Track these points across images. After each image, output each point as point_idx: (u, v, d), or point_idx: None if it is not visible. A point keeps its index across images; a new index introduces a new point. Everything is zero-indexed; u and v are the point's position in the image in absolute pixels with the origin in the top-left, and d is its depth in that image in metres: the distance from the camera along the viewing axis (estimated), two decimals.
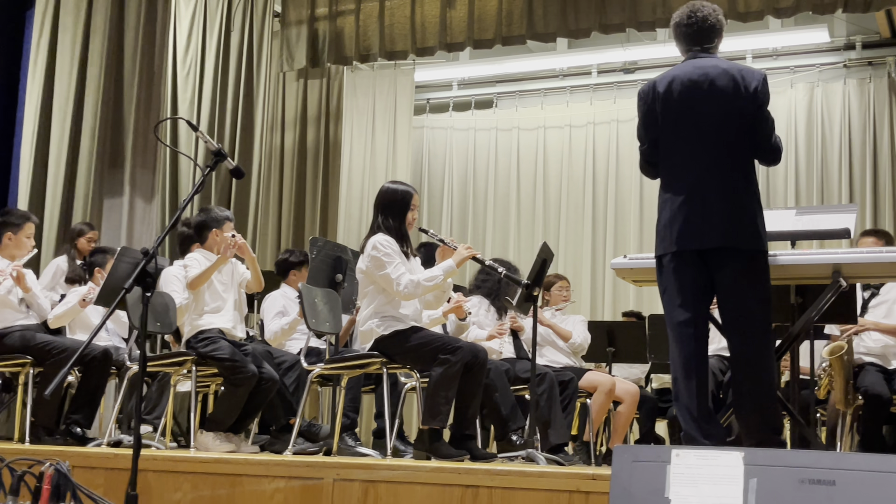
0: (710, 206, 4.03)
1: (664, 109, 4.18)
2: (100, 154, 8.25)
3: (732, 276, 4.03)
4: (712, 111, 4.09)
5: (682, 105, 4.14)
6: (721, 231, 4.01)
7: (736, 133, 4.08)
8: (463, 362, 4.94)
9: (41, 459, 2.72)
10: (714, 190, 4.05)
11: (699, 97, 4.10)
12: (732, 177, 4.07)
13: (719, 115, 4.08)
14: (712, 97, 4.08)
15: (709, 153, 4.09)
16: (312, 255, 6.20)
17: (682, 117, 4.14)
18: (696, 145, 4.11)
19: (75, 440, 5.81)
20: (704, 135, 4.10)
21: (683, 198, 4.09)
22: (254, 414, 5.84)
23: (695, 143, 4.11)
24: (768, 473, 2.85)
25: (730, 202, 4.03)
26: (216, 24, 9.59)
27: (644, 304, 9.75)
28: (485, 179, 11.35)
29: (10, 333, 5.97)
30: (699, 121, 4.10)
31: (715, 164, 4.07)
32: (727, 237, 4.01)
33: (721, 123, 4.08)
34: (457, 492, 3.90)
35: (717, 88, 4.08)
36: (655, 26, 8.72)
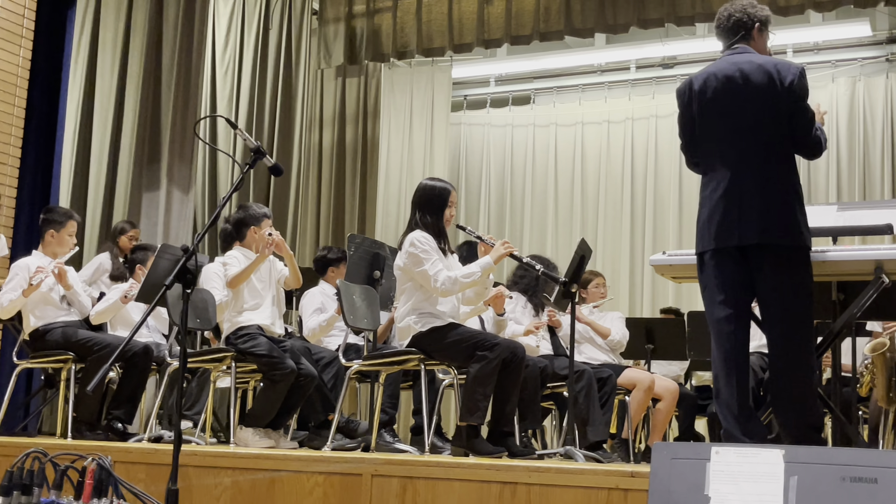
0: (747, 203, 4.00)
1: (700, 107, 4.16)
2: (138, 152, 8.33)
3: (772, 272, 3.99)
4: (747, 107, 4.06)
5: (717, 102, 4.11)
6: (758, 227, 3.98)
7: (772, 128, 4.04)
8: (501, 359, 4.94)
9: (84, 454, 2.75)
10: (751, 186, 4.02)
11: (734, 93, 4.07)
12: (769, 172, 4.03)
13: (755, 110, 4.05)
14: (747, 93, 4.05)
15: (745, 149, 4.06)
16: (350, 252, 6.22)
17: (718, 114, 4.11)
18: (732, 142, 4.08)
19: (116, 435, 5.87)
20: (741, 131, 4.07)
21: (721, 194, 4.06)
22: (292, 410, 5.87)
23: (731, 139, 4.09)
24: (809, 471, 2.83)
25: (767, 198, 4.00)
26: (254, 21, 9.64)
27: (683, 301, 9.69)
28: (522, 176, 11.32)
29: (52, 330, 6.04)
30: (735, 117, 4.08)
31: (752, 161, 4.04)
32: (764, 234, 3.97)
33: (757, 119, 4.05)
34: (495, 489, 3.90)
35: (751, 84, 4.05)
36: (694, 21, 8.66)
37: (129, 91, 8.41)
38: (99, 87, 8.42)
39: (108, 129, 8.36)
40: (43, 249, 6.21)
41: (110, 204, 8.26)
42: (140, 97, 8.37)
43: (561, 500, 3.79)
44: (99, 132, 8.36)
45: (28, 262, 6.07)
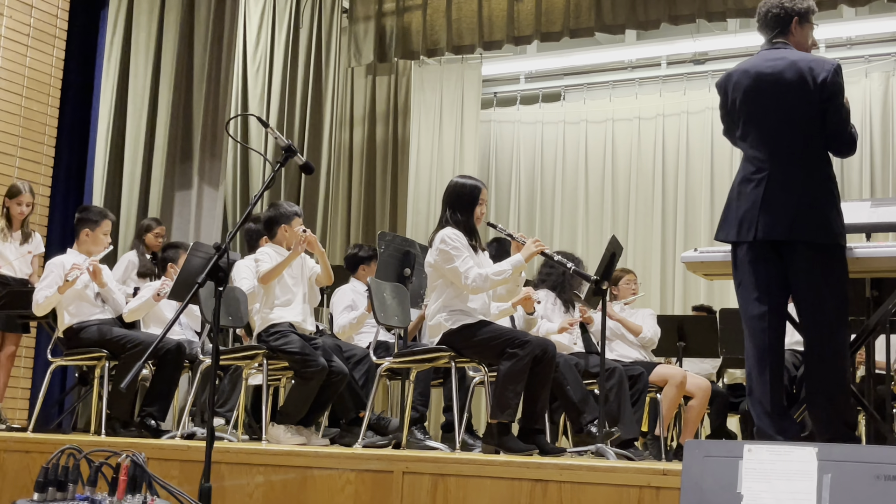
0: (779, 199, 3.98)
1: (735, 102, 4.15)
2: (171, 150, 8.38)
3: (805, 269, 3.97)
4: (780, 104, 4.04)
5: (750, 99, 4.10)
6: (788, 224, 3.96)
7: (805, 125, 4.02)
8: (531, 356, 4.93)
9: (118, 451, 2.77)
10: (782, 182, 4.00)
11: (767, 90, 4.06)
12: (801, 169, 4.01)
13: (787, 108, 4.03)
14: (780, 89, 4.03)
15: (779, 146, 4.03)
16: (381, 250, 6.23)
17: (752, 111, 4.10)
18: (766, 138, 4.06)
19: (150, 432, 5.91)
20: (773, 128, 4.05)
21: (752, 188, 4.04)
22: (324, 407, 5.89)
23: (765, 136, 4.07)
24: (843, 469, 2.81)
25: (798, 195, 3.97)
26: (285, 20, 9.68)
27: (715, 298, 9.64)
28: (552, 173, 11.30)
29: (86, 327, 6.09)
30: (767, 114, 4.06)
31: (783, 157, 4.02)
32: (794, 230, 3.95)
33: (789, 116, 4.03)
34: (526, 486, 3.90)
35: (784, 81, 4.03)
36: (726, 16, 8.61)
37: (162, 91, 8.47)
38: (131, 87, 8.48)
39: (141, 128, 8.42)
40: (78, 248, 6.27)
41: (144, 203, 8.32)
42: (172, 97, 8.42)
43: (592, 498, 3.78)
44: (132, 132, 8.43)
45: (63, 261, 6.13)
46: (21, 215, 6.85)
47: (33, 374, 7.79)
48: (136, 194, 8.32)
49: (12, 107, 7.60)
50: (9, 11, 7.58)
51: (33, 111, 7.79)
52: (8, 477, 5.04)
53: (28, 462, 4.99)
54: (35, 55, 7.80)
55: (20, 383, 7.53)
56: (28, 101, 7.74)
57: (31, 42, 7.77)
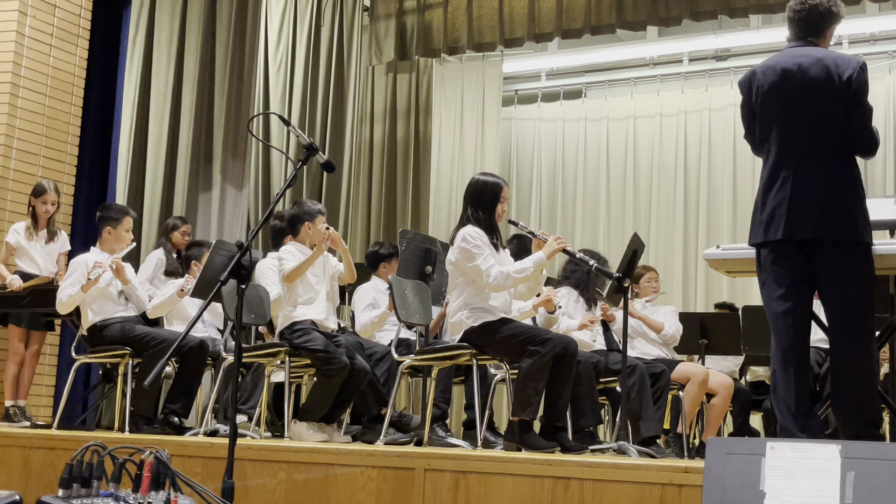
0: (805, 197, 3.97)
1: (760, 100, 4.13)
2: (195, 149, 8.42)
3: (831, 267, 3.95)
4: (805, 101, 4.02)
5: (775, 96, 4.08)
6: (815, 222, 3.94)
7: (829, 123, 4.00)
8: (553, 354, 4.93)
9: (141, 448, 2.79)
10: (809, 180, 3.98)
11: (792, 87, 4.04)
12: (828, 167, 3.99)
13: (812, 105, 4.01)
14: (804, 87, 4.01)
15: (803, 144, 4.02)
16: (402, 248, 6.23)
17: (776, 108, 4.08)
18: (790, 136, 4.05)
19: (173, 429, 5.94)
20: (798, 125, 4.03)
21: (778, 188, 4.03)
22: (346, 404, 5.90)
23: (788, 133, 4.05)
24: (866, 467, 2.79)
25: (823, 193, 3.96)
26: (306, 19, 9.70)
27: (737, 296, 9.60)
28: (574, 170, 11.27)
29: (110, 325, 6.12)
30: (792, 111, 4.04)
31: (810, 155, 4.00)
32: (820, 228, 3.93)
33: (814, 114, 4.01)
34: (547, 483, 3.90)
35: (809, 78, 4.01)
36: (748, 13, 8.57)
37: (185, 90, 8.51)
38: (154, 86, 8.53)
39: (164, 127, 8.47)
40: (101, 246, 6.31)
41: (168, 202, 8.37)
42: (195, 96, 8.46)
43: (614, 496, 3.78)
44: (155, 131, 8.47)
45: (86, 259, 6.17)
46: (46, 214, 6.89)
47: (57, 371, 7.85)
48: (159, 193, 8.37)
49: (36, 106, 7.65)
50: (32, 11, 7.63)
51: (57, 110, 7.84)
52: (33, 474, 5.08)
53: (53, 459, 5.03)
54: (58, 54, 7.85)
55: (44, 381, 7.59)
56: (52, 100, 7.79)
57: (54, 41, 7.82)
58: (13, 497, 2.60)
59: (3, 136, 7.37)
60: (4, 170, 7.33)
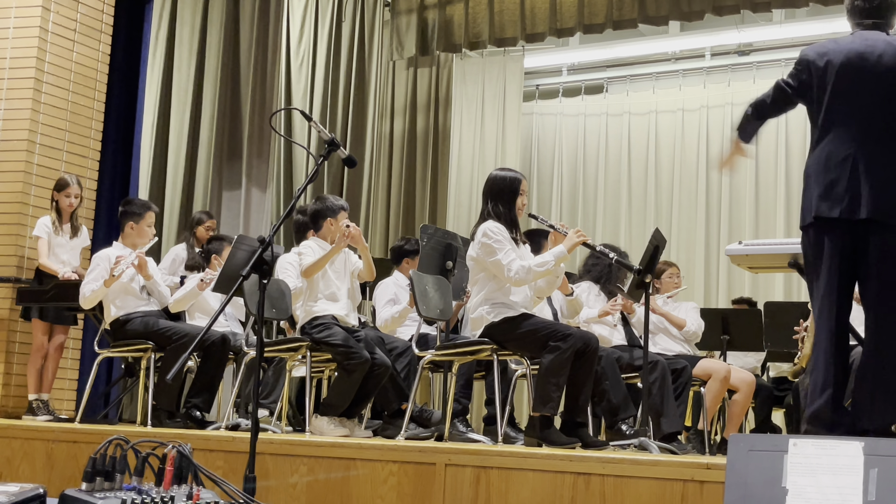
0: (868, 178, 3.94)
1: (823, 79, 4.09)
2: (218, 145, 8.46)
3: (877, 250, 3.93)
4: (876, 85, 4.01)
5: (845, 76, 4.05)
6: (875, 203, 3.91)
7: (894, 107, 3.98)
8: (574, 349, 4.93)
9: (164, 442, 2.80)
10: (872, 161, 3.96)
11: (864, 70, 4.03)
12: (887, 151, 3.97)
13: (884, 89, 4.00)
14: (877, 71, 4.01)
15: (870, 125, 4.00)
16: (423, 243, 6.24)
17: (845, 89, 4.05)
18: (858, 117, 4.02)
19: (195, 423, 5.97)
20: (867, 106, 4.02)
21: (838, 166, 3.99)
22: (367, 399, 5.92)
23: (856, 114, 4.02)
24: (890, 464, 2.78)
25: (884, 174, 3.93)
26: (328, 14, 9.71)
27: (759, 292, 9.55)
28: (595, 166, 11.24)
29: (132, 319, 6.16)
30: (862, 92, 4.02)
31: (874, 138, 3.99)
32: (881, 210, 3.90)
33: (884, 98, 4.00)
34: (568, 479, 3.89)
35: (882, 63, 4.01)
36: (771, 7, 8.52)
37: (207, 87, 8.54)
38: (176, 83, 8.56)
39: (185, 124, 8.50)
40: (123, 241, 6.34)
41: (189, 197, 8.41)
42: (218, 93, 8.50)
43: (635, 492, 3.77)
44: (177, 126, 8.51)
45: (109, 254, 6.20)
46: (70, 207, 6.93)
47: (80, 365, 7.89)
48: (180, 188, 8.41)
49: (59, 101, 7.69)
50: (55, 7, 7.66)
51: (80, 105, 7.87)
52: (56, 467, 5.12)
53: (76, 452, 5.06)
54: (81, 49, 7.88)
55: (67, 374, 7.63)
56: (75, 95, 7.83)
57: (77, 37, 7.85)
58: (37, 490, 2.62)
59: (26, 132, 7.40)
60: (28, 165, 7.37)
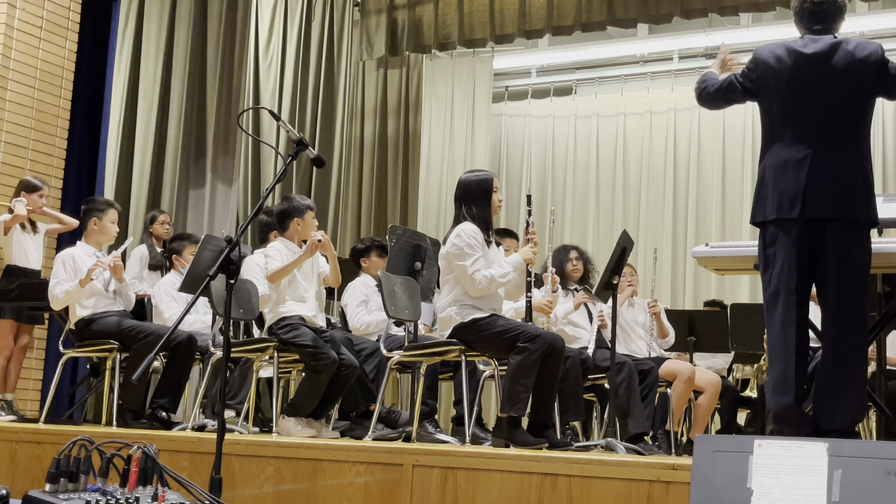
0: (824, 178, 3.98)
1: (777, 81, 4.14)
2: (185, 144, 8.40)
3: (834, 250, 3.97)
4: (829, 87, 4.06)
5: (798, 79, 4.11)
6: (834, 201, 3.96)
7: (848, 106, 4.05)
8: (541, 350, 4.94)
9: (129, 442, 2.78)
10: (828, 161, 4.00)
11: (817, 73, 4.08)
12: (847, 149, 4.03)
13: (833, 88, 4.05)
14: (830, 74, 4.05)
15: (823, 128, 4.05)
16: (391, 244, 6.23)
17: (798, 91, 4.10)
18: (810, 120, 4.07)
19: (161, 424, 5.93)
20: (819, 110, 4.06)
21: (795, 167, 4.03)
22: (334, 400, 5.90)
23: (809, 117, 4.07)
24: (853, 465, 2.80)
25: (845, 173, 3.98)
26: (297, 14, 9.68)
27: (726, 293, 9.61)
28: (563, 167, 11.28)
29: (97, 319, 6.10)
30: (815, 96, 4.07)
31: (828, 139, 4.03)
32: (840, 207, 3.95)
33: (836, 99, 4.04)
34: (535, 480, 3.90)
35: (830, 63, 4.06)
36: (738, 11, 8.59)
37: (174, 84, 8.49)
38: (143, 81, 8.50)
39: (152, 122, 8.44)
40: (86, 239, 6.27)
41: (155, 197, 8.35)
42: (185, 91, 8.44)
43: (602, 492, 3.78)
44: (143, 125, 8.45)
45: (73, 253, 6.15)
46: (39, 209, 6.91)
47: (45, 365, 7.82)
48: (147, 187, 8.34)
49: (25, 99, 7.62)
50: (22, 4, 7.59)
51: (46, 103, 7.81)
52: (20, 468, 5.07)
53: (40, 453, 5.01)
54: (48, 48, 7.82)
55: (32, 374, 7.56)
56: (41, 93, 7.76)
57: (43, 34, 7.78)
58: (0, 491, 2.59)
59: None
60: None
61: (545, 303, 5.61)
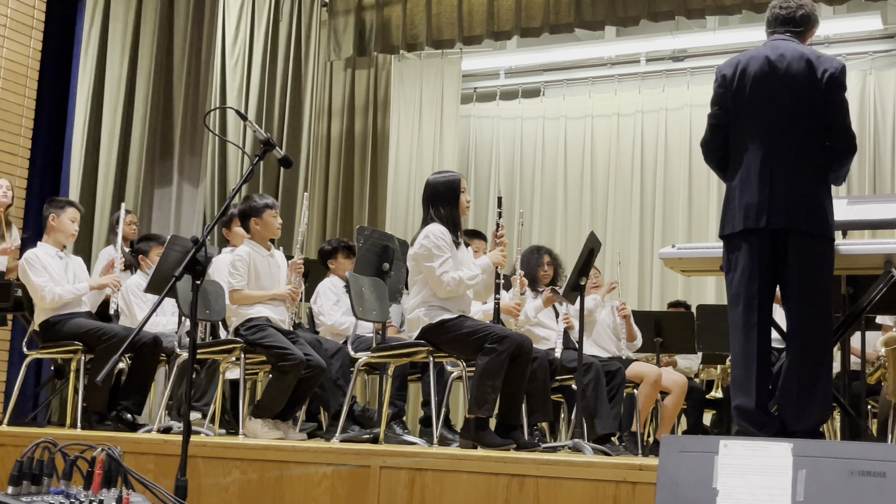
0: (783, 188, 4.01)
1: (740, 89, 4.15)
2: (150, 144, 8.34)
3: (796, 258, 3.99)
4: (785, 93, 4.07)
5: (757, 85, 4.12)
6: (786, 212, 3.98)
7: (808, 117, 4.06)
8: (509, 352, 4.94)
9: (93, 445, 2.76)
10: (787, 171, 4.03)
11: (774, 80, 4.09)
12: (801, 160, 4.05)
13: (792, 97, 4.07)
14: (786, 81, 4.07)
15: (782, 137, 4.06)
16: (359, 244, 6.22)
17: (757, 98, 4.12)
18: (768, 126, 4.09)
19: (126, 426, 5.88)
20: (778, 116, 4.08)
21: (759, 178, 4.06)
22: (301, 401, 5.88)
23: (766, 125, 4.09)
24: (818, 465, 2.82)
25: (801, 184, 4.01)
26: (264, 13, 9.64)
27: (692, 295, 9.67)
28: (532, 168, 11.31)
29: (62, 321, 6.04)
30: (773, 102, 4.09)
31: (784, 148, 4.05)
32: (795, 219, 3.98)
33: (793, 106, 4.07)
34: (503, 481, 3.90)
35: (791, 71, 4.07)
36: (705, 14, 8.64)
37: (140, 84, 8.42)
38: (109, 80, 8.43)
39: (117, 122, 8.38)
40: (47, 239, 6.20)
41: (120, 197, 8.28)
42: (151, 91, 8.38)
43: (569, 493, 3.79)
44: (109, 124, 8.38)
45: (37, 253, 6.09)
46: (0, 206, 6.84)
47: (8, 367, 7.74)
48: (112, 186, 8.27)
49: None
50: None
51: (10, 102, 7.73)
52: None
53: (2, 455, 4.96)
54: (12, 46, 7.74)
55: None
56: (4, 91, 7.68)
57: (7, 33, 7.71)
58: None
59: None
60: None
61: (513, 306, 5.63)
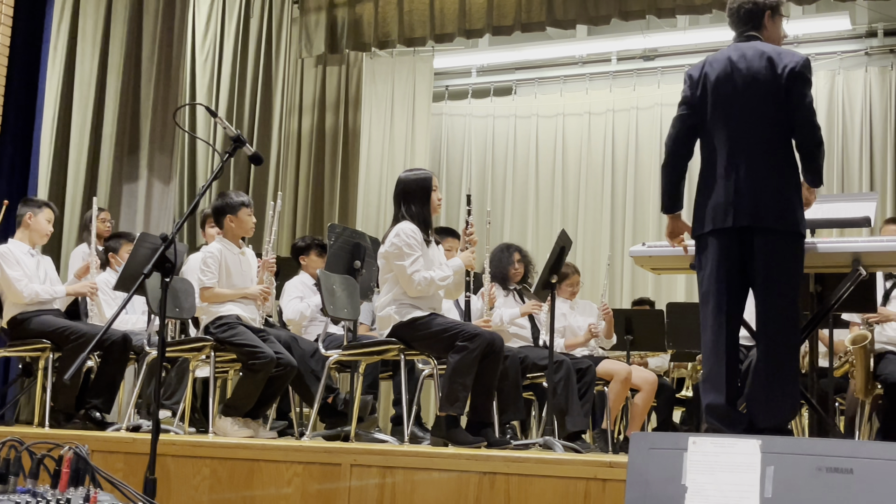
0: (750, 187, 4.03)
1: (703, 92, 4.18)
2: (119, 139, 8.28)
3: (763, 256, 4.02)
4: (748, 92, 4.09)
5: (720, 87, 4.14)
6: (752, 210, 4.01)
7: (772, 115, 4.08)
8: (480, 349, 4.95)
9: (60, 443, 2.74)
10: (753, 170, 4.05)
11: (736, 80, 4.11)
12: (770, 158, 4.07)
13: (755, 96, 4.09)
14: (747, 79, 4.09)
15: (748, 135, 4.09)
16: (331, 242, 6.21)
17: (721, 99, 4.14)
18: (733, 126, 4.11)
19: (94, 425, 5.85)
20: (742, 116, 4.10)
21: (720, 177, 4.08)
22: (272, 399, 5.86)
23: (733, 124, 4.11)
24: (786, 461, 2.84)
25: (768, 182, 4.03)
26: (235, 9, 9.59)
27: (662, 293, 9.72)
28: (503, 167, 11.32)
29: (30, 318, 6.01)
30: (737, 102, 4.11)
31: (749, 147, 4.07)
32: (762, 217, 4.00)
33: (757, 105, 4.09)
34: (474, 478, 3.91)
35: (752, 70, 4.09)
36: (675, 13, 8.68)
37: (110, 80, 8.35)
38: (78, 76, 8.35)
39: (87, 118, 8.30)
40: (20, 236, 6.16)
41: (90, 194, 8.20)
42: (120, 86, 8.31)
43: (539, 490, 3.80)
44: (79, 120, 8.30)
45: (10, 248, 6.05)
46: None
47: None
48: (82, 186, 8.20)
49: None
50: None
51: None
52: None
53: None
54: None
55: None
56: None
57: None
58: None
59: None
60: None
61: (482, 322, 5.66)
